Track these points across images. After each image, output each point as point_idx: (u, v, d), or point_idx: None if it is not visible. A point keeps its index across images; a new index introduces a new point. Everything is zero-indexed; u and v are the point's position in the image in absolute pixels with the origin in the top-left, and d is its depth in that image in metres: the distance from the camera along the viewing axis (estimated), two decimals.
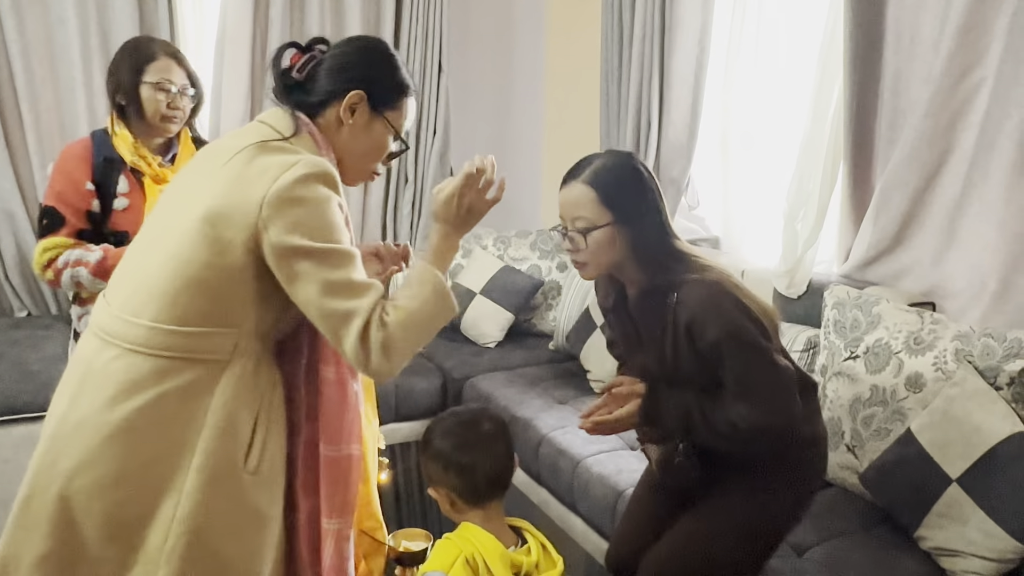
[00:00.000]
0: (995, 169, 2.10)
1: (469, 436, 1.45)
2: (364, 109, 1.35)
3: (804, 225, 2.60)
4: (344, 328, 1.21)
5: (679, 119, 3.17)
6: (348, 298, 1.21)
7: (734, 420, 1.51)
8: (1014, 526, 1.67)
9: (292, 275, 1.21)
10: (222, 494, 1.25)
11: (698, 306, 1.51)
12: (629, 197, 1.56)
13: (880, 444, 1.99)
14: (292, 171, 1.20)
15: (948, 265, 2.28)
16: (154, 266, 1.25)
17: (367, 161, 1.40)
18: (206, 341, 1.24)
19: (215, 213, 1.22)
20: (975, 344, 1.91)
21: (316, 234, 1.20)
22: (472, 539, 1.40)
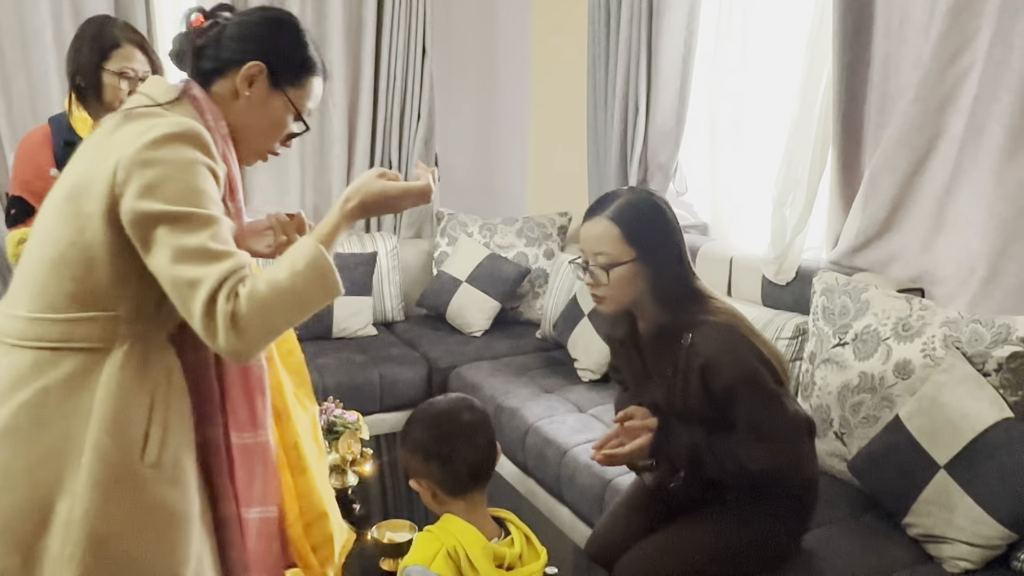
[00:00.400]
0: (984, 154, 2.11)
1: (449, 426, 1.44)
2: (263, 83, 1.29)
3: (793, 211, 2.60)
4: (190, 298, 1.10)
5: (667, 104, 3.16)
6: (198, 264, 1.10)
7: (743, 462, 1.56)
8: (1001, 512, 1.68)
9: (146, 242, 1.12)
10: (119, 492, 1.17)
11: (713, 349, 1.56)
12: (653, 235, 1.61)
13: (868, 431, 2.01)
14: (150, 132, 1.13)
15: (937, 251, 2.29)
16: (32, 252, 1.21)
17: (264, 139, 1.34)
18: (80, 328, 1.17)
19: (74, 188, 1.16)
20: (963, 330, 1.92)
21: (172, 197, 1.10)
22: (454, 531, 1.39)
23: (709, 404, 1.59)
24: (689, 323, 1.60)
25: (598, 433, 2.52)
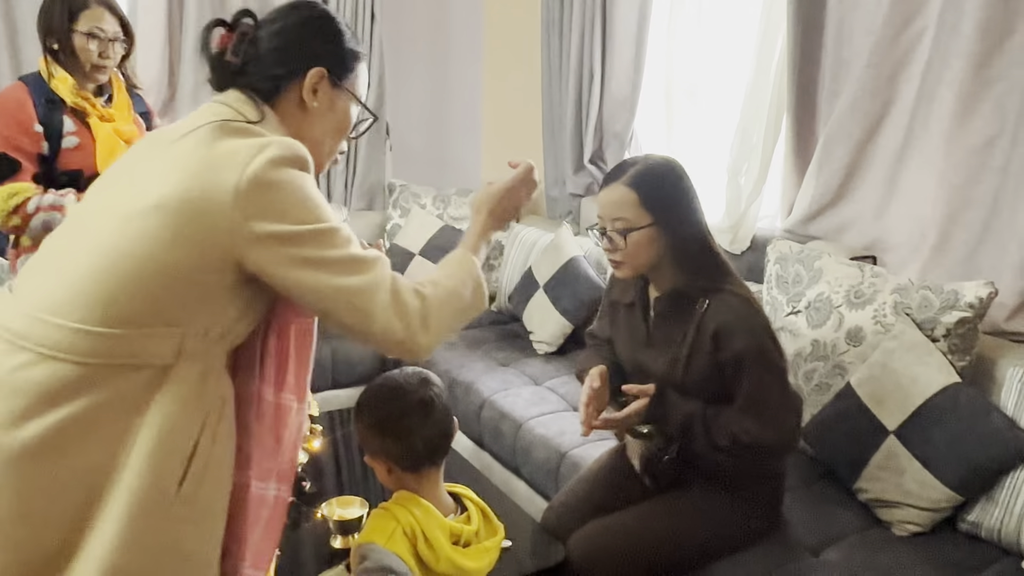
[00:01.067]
0: (935, 120, 2.14)
1: (404, 402, 1.43)
2: (326, 86, 1.25)
3: (748, 179, 2.63)
4: (371, 302, 1.12)
5: (622, 71, 3.15)
6: (363, 272, 1.13)
7: (737, 433, 1.59)
8: (947, 475, 1.74)
9: (291, 263, 1.10)
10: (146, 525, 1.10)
11: (729, 316, 1.59)
12: (670, 200, 1.64)
13: (822, 399, 2.05)
14: (265, 152, 1.10)
15: (889, 218, 2.33)
16: (83, 260, 1.10)
17: (335, 141, 1.32)
18: (146, 343, 1.10)
19: (174, 202, 1.08)
20: (913, 297, 1.96)
21: (307, 216, 1.11)
22: (410, 508, 1.39)
23: (712, 372, 1.62)
24: (706, 289, 1.64)
25: (554, 406, 2.53)
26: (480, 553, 1.41)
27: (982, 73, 2.02)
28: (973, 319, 1.87)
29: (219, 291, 1.13)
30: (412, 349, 1.16)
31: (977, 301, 1.87)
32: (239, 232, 1.08)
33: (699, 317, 1.63)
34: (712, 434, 1.61)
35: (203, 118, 1.17)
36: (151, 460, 1.10)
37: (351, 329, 1.15)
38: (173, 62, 3.43)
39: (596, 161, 3.37)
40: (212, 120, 1.16)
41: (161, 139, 1.19)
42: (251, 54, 1.24)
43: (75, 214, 1.20)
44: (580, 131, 3.34)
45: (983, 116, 2.05)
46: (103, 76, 2.19)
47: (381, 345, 1.16)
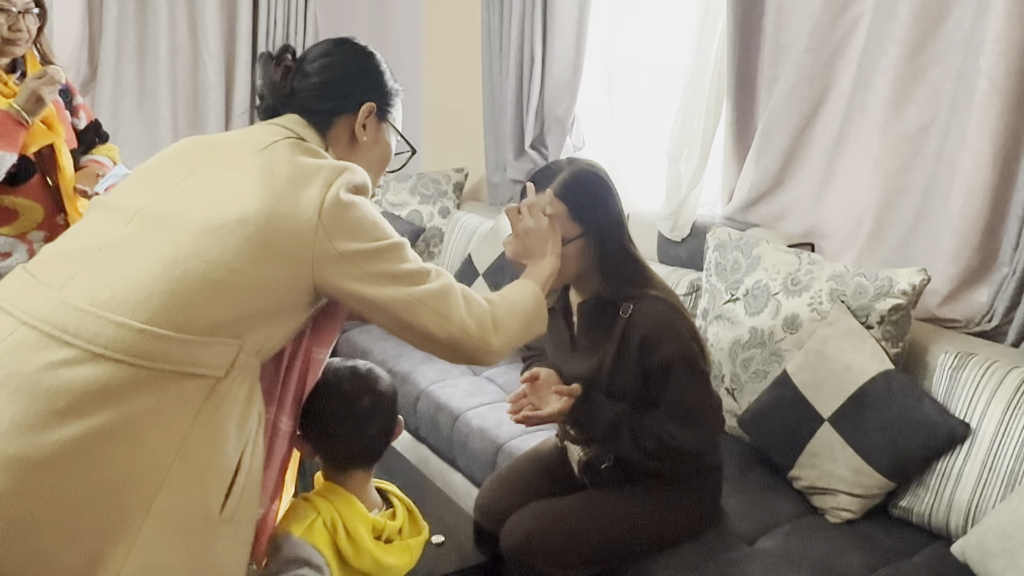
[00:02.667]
0: (871, 107, 2.17)
1: (342, 408, 1.38)
2: (373, 121, 1.35)
3: (688, 166, 2.62)
4: (447, 305, 1.20)
5: (563, 54, 3.13)
6: (435, 279, 1.22)
7: (663, 437, 1.59)
8: (880, 462, 1.76)
9: (370, 277, 1.17)
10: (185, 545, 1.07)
11: (654, 323, 1.59)
12: (598, 210, 1.62)
13: (758, 386, 2.06)
14: (345, 176, 1.18)
15: (826, 205, 2.35)
16: (155, 262, 1.09)
17: (377, 173, 1.39)
18: (205, 352, 1.09)
19: (259, 216, 1.11)
20: (849, 284, 1.98)
21: (381, 234, 1.19)
22: (332, 499, 1.35)
23: (637, 378, 1.62)
24: (629, 296, 1.63)
25: (493, 396, 2.51)
26: (402, 550, 1.38)
27: (916, 59, 2.05)
28: (906, 306, 1.89)
29: (287, 309, 1.17)
30: (486, 350, 1.23)
31: (910, 288, 1.89)
32: (322, 249, 1.13)
33: (624, 323, 1.62)
34: (637, 437, 1.61)
35: (270, 134, 1.23)
36: (198, 477, 1.08)
37: (431, 334, 1.20)
38: (93, 38, 3.30)
39: (537, 146, 3.34)
40: (283, 137, 1.22)
41: (232, 149, 1.22)
42: (300, 87, 1.31)
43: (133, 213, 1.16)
44: (521, 116, 3.31)
45: (917, 103, 2.08)
46: (18, 49, 2.11)
47: (458, 348, 1.22)
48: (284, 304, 1.16)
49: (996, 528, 1.53)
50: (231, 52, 3.54)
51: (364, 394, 1.39)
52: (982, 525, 1.57)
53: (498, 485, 1.88)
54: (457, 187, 3.59)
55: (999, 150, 1.91)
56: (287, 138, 1.23)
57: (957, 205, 1.98)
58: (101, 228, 1.16)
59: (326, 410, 1.38)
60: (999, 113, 1.88)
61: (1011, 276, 1.91)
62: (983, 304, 2.00)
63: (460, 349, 1.22)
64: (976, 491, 1.66)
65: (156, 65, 3.40)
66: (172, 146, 1.31)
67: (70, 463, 1.00)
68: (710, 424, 1.66)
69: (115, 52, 3.30)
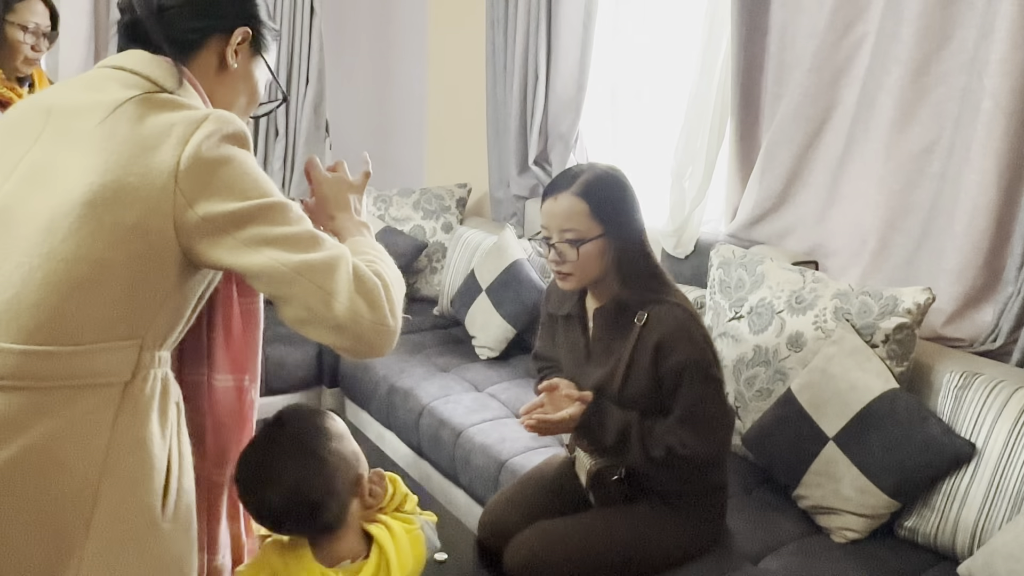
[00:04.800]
0: (875, 126, 2.18)
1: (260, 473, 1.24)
2: (246, 50, 1.18)
3: (692, 183, 2.64)
4: (333, 280, 1.01)
5: (567, 71, 3.15)
6: (322, 248, 1.04)
7: (673, 445, 1.59)
8: (885, 482, 1.76)
9: (241, 244, 1.01)
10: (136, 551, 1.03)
11: (670, 328, 1.60)
12: (619, 210, 1.65)
13: (762, 405, 2.06)
14: (204, 127, 1.01)
15: (830, 223, 2.36)
16: (12, 271, 0.98)
17: (244, 114, 1.23)
18: (101, 359, 1.00)
19: (106, 192, 0.97)
20: (853, 302, 1.99)
21: (255, 192, 1.02)
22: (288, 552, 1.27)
23: (651, 384, 1.63)
24: (646, 301, 1.64)
25: (495, 413, 2.51)
26: None
27: (920, 79, 2.06)
28: (911, 325, 1.90)
29: (173, 291, 1.04)
30: (382, 335, 1.05)
31: (915, 307, 1.90)
32: (184, 216, 0.99)
33: (639, 328, 1.64)
34: (647, 445, 1.61)
35: (110, 89, 1.06)
36: (131, 484, 1.02)
37: (313, 314, 1.02)
38: (99, 55, 3.31)
39: (541, 163, 3.35)
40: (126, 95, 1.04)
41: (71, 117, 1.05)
42: (169, 2, 1.13)
43: None
44: (525, 132, 3.33)
45: (921, 122, 2.09)
46: (31, 68, 2.23)
47: (346, 333, 1.03)
48: (166, 286, 1.03)
49: (1003, 550, 1.53)
50: None
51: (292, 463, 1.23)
52: (989, 546, 1.57)
53: (503, 503, 1.88)
54: (460, 203, 3.60)
55: (1003, 170, 1.92)
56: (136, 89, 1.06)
57: (961, 224, 1.98)
58: None
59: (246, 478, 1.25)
60: (1003, 133, 1.89)
61: (1016, 295, 1.91)
62: (988, 323, 2.01)
63: (347, 335, 1.03)
64: (982, 512, 1.66)
65: None
66: (6, 114, 1.15)
67: (4, 496, 0.96)
68: (722, 433, 1.67)
69: None
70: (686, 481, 1.70)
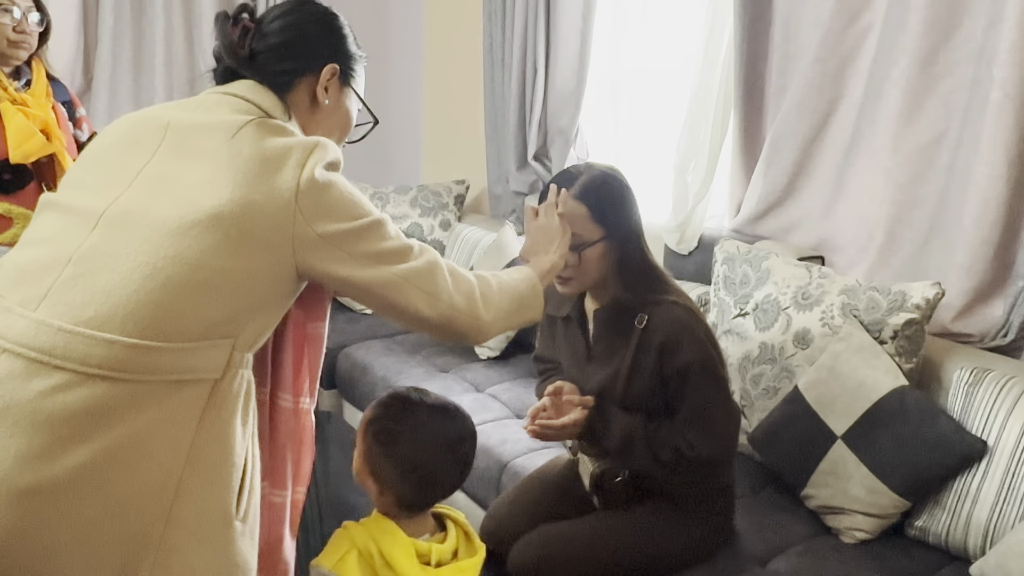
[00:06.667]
0: (882, 118, 2.18)
1: (457, 455, 1.40)
2: (336, 84, 1.31)
3: (695, 177, 2.64)
4: (434, 283, 1.19)
5: (567, 64, 3.15)
6: (420, 256, 1.21)
7: (680, 447, 1.60)
8: (895, 481, 1.77)
9: (353, 259, 1.15)
10: (211, 550, 1.09)
11: (676, 328, 1.61)
12: (620, 213, 1.65)
13: (769, 403, 2.07)
14: (316, 153, 1.14)
15: (837, 217, 2.37)
16: (132, 271, 1.06)
17: (339, 141, 1.36)
18: (200, 356, 1.09)
19: (234, 206, 1.08)
20: (861, 298, 2.00)
21: (361, 212, 1.17)
22: (371, 530, 1.36)
23: (655, 385, 1.64)
24: (646, 302, 1.65)
25: (497, 414, 2.52)
26: (454, 572, 1.38)
27: (928, 70, 2.07)
28: (920, 320, 1.91)
29: (274, 297, 1.16)
30: (477, 326, 1.23)
31: (924, 302, 1.91)
32: (302, 234, 1.12)
33: (641, 329, 1.64)
34: (654, 447, 1.62)
35: (220, 112, 1.18)
36: (210, 480, 1.09)
37: (420, 314, 1.19)
38: (88, 48, 3.33)
39: (541, 158, 3.36)
40: (243, 118, 1.16)
41: (192, 134, 1.16)
42: (259, 48, 1.25)
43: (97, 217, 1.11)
44: (524, 127, 3.33)
45: (929, 114, 2.10)
46: (23, 52, 2.19)
47: (448, 326, 1.21)
48: (271, 294, 1.15)
49: (1017, 548, 1.53)
50: None
51: (465, 439, 1.41)
52: (1002, 546, 1.58)
53: (505, 506, 1.89)
54: (458, 199, 3.61)
55: (1013, 161, 1.92)
56: (248, 114, 1.18)
57: (971, 218, 1.99)
58: (63, 235, 1.11)
59: (435, 462, 1.37)
60: (1013, 124, 1.90)
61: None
62: (998, 318, 2.01)
63: (450, 326, 1.22)
64: (995, 510, 1.67)
65: (152, 76, 3.42)
66: (117, 125, 1.24)
67: (83, 488, 1.01)
68: (729, 432, 1.67)
69: (111, 63, 3.32)
70: (692, 482, 1.71)
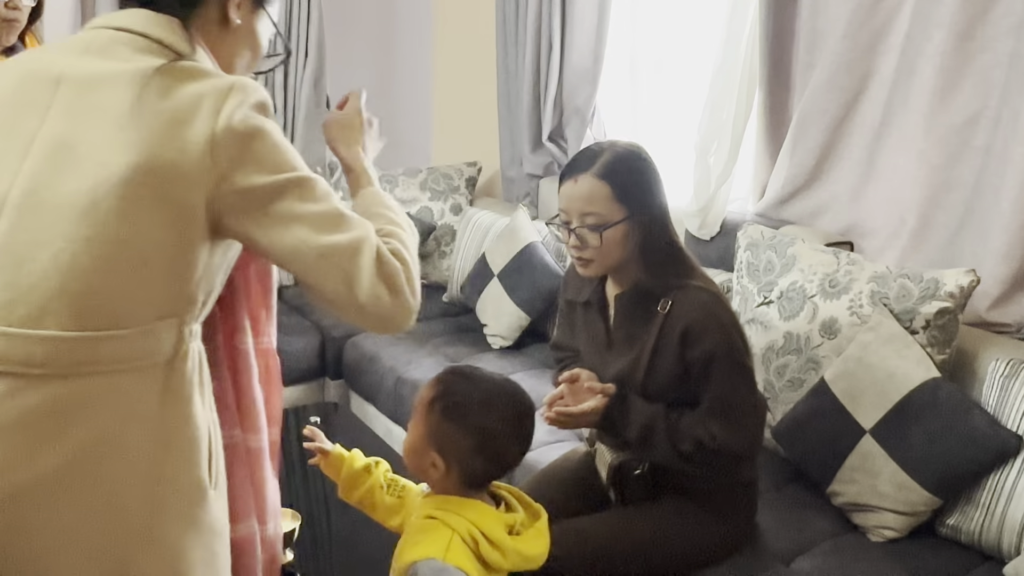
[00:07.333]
0: (915, 96, 2.15)
1: (526, 433, 1.41)
2: (248, 4, 1.20)
3: (717, 159, 2.61)
4: (354, 264, 1.07)
5: (583, 41, 3.12)
6: (347, 229, 1.09)
7: (702, 438, 1.58)
8: (926, 477, 1.74)
9: (272, 220, 1.06)
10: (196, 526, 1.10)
11: (700, 314, 1.60)
12: (644, 192, 1.63)
13: (794, 395, 2.04)
14: (232, 98, 1.04)
15: (866, 201, 2.34)
16: (54, 257, 0.99)
17: (248, 69, 1.25)
18: (150, 340, 1.05)
19: (145, 170, 1.00)
20: (891, 285, 1.96)
21: (286, 166, 1.07)
22: (462, 512, 1.35)
23: (677, 373, 1.62)
24: (670, 287, 1.63)
25: None
26: (537, 536, 1.39)
27: (964, 45, 2.03)
28: (954, 309, 1.87)
29: (207, 264, 1.09)
30: (402, 316, 1.12)
31: (958, 290, 1.87)
32: (218, 190, 1.04)
33: (664, 315, 1.63)
34: (675, 439, 1.60)
35: (118, 55, 1.07)
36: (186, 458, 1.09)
37: (336, 296, 1.09)
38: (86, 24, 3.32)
39: (556, 139, 3.33)
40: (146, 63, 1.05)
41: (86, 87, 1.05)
42: None
43: None
44: (538, 106, 3.31)
45: (965, 92, 2.06)
46: (12, 34, 2.18)
47: (367, 315, 1.11)
48: (205, 262, 1.08)
49: None
50: None
51: (531, 411, 1.41)
52: None
53: None
54: (470, 182, 3.59)
55: None
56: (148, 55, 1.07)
57: (1008, 201, 1.95)
58: None
59: (511, 434, 1.39)
60: None
61: None
62: None
63: (368, 316, 1.10)
64: None
65: None
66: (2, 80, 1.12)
67: (61, 492, 1.01)
68: (754, 424, 1.66)
69: None
70: (714, 477, 1.69)
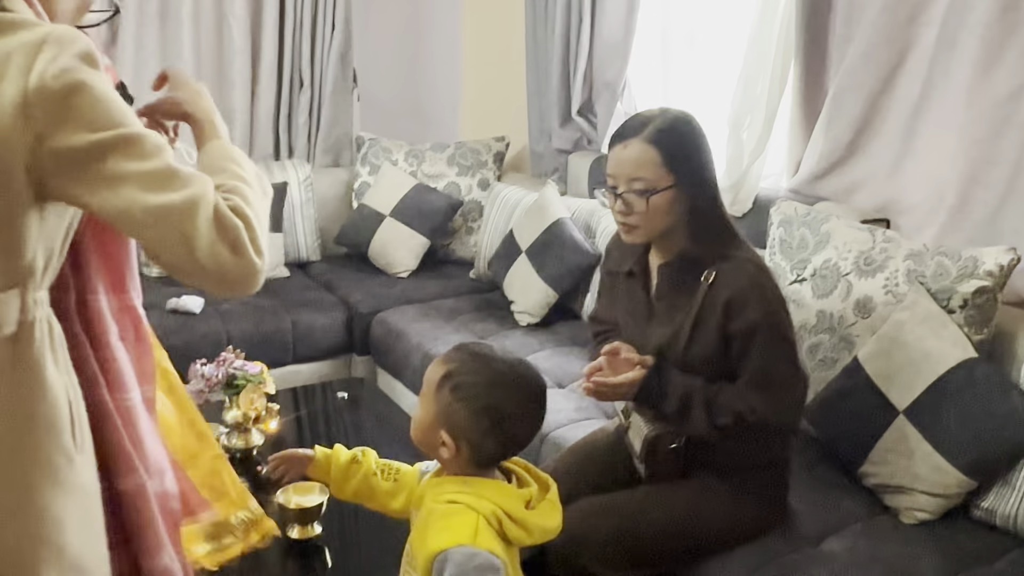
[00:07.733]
0: (956, 69, 2.13)
1: (537, 414, 1.41)
2: None
3: (750, 134, 2.61)
4: (190, 223, 1.01)
5: (614, 13, 3.11)
6: (181, 187, 1.02)
7: (742, 411, 1.60)
8: (960, 459, 1.74)
9: (97, 182, 1.01)
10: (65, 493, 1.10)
11: (745, 284, 1.61)
12: (692, 159, 1.65)
13: (826, 375, 2.05)
14: (45, 52, 0.97)
15: (904, 177, 2.32)
16: None
17: (74, 20, 1.17)
18: None
19: None
20: (928, 264, 1.95)
21: (109, 122, 1.00)
22: (483, 493, 1.36)
23: (720, 346, 1.63)
24: (715, 256, 1.65)
25: None
26: (551, 508, 1.40)
27: (1009, 16, 2.00)
28: (993, 288, 1.86)
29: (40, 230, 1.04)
30: (247, 277, 1.06)
31: (998, 269, 1.86)
32: (37, 154, 0.98)
33: (708, 285, 1.64)
34: (713, 412, 1.61)
35: None
36: (47, 430, 1.07)
37: (173, 259, 1.04)
38: None
39: (585, 113, 3.33)
40: None
41: None
42: None
43: None
44: (568, 80, 3.30)
45: (1008, 65, 2.03)
46: None
47: (209, 277, 1.05)
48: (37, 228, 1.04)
49: None
50: (257, 12, 3.57)
51: (544, 397, 1.42)
52: None
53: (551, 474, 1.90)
54: (498, 157, 3.60)
55: None
56: None
57: None
58: None
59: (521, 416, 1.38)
60: None
61: None
62: None
63: (210, 278, 1.05)
64: None
65: (179, 28, 3.45)
66: None
67: None
68: (795, 399, 1.66)
69: (137, 14, 3.35)
70: (750, 453, 1.70)
